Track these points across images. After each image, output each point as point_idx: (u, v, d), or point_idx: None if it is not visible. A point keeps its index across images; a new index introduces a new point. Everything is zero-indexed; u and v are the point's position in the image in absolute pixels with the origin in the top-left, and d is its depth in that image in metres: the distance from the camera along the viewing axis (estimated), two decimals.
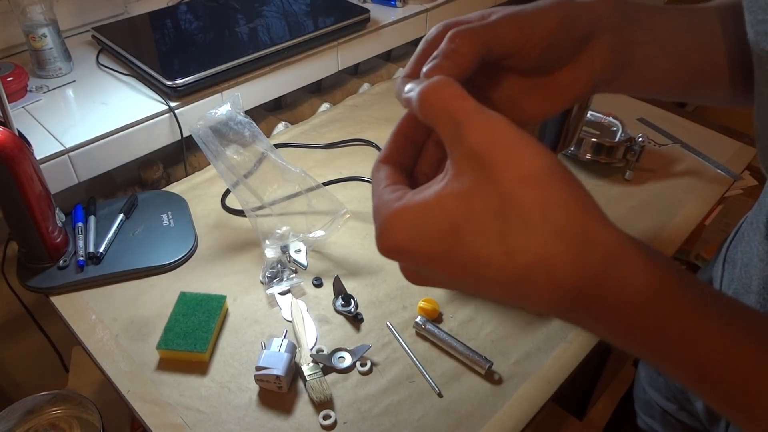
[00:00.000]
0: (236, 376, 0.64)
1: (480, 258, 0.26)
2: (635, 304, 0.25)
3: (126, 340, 0.68)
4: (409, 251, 0.27)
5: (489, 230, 0.25)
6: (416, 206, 0.27)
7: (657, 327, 0.26)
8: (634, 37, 0.37)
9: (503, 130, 0.26)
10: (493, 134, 0.25)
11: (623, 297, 0.25)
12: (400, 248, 0.27)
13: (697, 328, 0.25)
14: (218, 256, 0.78)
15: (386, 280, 0.75)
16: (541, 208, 0.25)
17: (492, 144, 0.25)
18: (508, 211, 0.25)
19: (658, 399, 0.68)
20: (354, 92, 1.18)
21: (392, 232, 0.27)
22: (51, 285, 0.72)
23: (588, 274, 0.25)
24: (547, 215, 0.25)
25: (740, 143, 1.02)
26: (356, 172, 0.93)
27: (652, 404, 0.69)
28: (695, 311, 0.26)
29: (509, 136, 0.25)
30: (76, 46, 1.00)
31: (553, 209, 0.25)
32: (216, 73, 0.90)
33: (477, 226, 0.25)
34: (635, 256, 0.25)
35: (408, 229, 0.27)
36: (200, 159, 0.98)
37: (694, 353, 0.26)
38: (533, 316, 0.71)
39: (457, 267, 0.26)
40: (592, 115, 0.97)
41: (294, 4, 1.12)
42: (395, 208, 0.27)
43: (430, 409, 0.62)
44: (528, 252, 0.25)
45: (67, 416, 0.75)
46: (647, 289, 0.25)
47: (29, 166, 0.66)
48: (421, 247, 0.27)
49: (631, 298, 0.25)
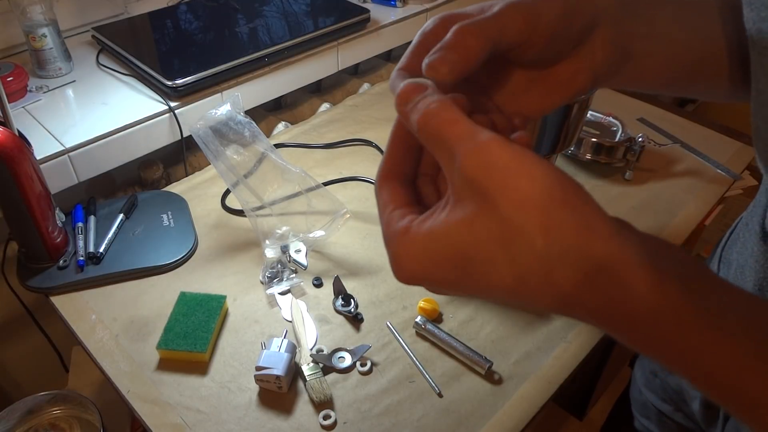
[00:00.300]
0: (236, 376, 0.64)
1: (491, 283, 0.26)
2: (642, 318, 0.25)
3: (126, 340, 0.68)
4: (426, 279, 0.28)
5: (496, 258, 0.25)
6: (424, 237, 0.27)
7: (664, 340, 0.26)
8: (634, 30, 0.36)
9: (497, 153, 0.25)
10: (487, 160, 0.25)
11: (630, 312, 0.25)
12: (417, 276, 0.28)
13: (705, 341, 0.25)
14: (218, 256, 0.78)
15: (386, 280, 0.75)
16: (543, 233, 0.25)
17: (486, 170, 0.25)
18: (512, 238, 0.25)
19: (654, 400, 0.68)
20: (354, 92, 1.18)
21: (406, 263, 0.28)
22: (51, 285, 0.72)
23: (594, 294, 0.25)
24: (549, 240, 0.25)
25: (740, 143, 1.02)
26: (356, 172, 0.93)
27: (648, 405, 0.69)
28: (702, 323, 0.25)
29: (503, 160, 0.25)
30: (76, 46, 1.00)
31: (554, 233, 0.25)
32: (216, 73, 0.90)
33: (484, 254, 0.26)
34: (639, 270, 0.25)
35: (419, 259, 0.27)
36: (200, 159, 0.98)
37: (701, 364, 0.26)
38: (533, 316, 0.71)
39: (473, 289, 0.27)
40: (592, 115, 0.97)
41: (294, 4, 1.12)
42: (404, 240, 0.28)
43: (430, 409, 0.62)
44: (537, 276, 0.25)
45: (67, 416, 0.75)
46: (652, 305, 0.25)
47: (29, 166, 0.66)
48: (436, 275, 0.27)
49: (638, 313, 0.25)
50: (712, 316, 0.26)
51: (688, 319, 0.25)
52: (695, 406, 0.58)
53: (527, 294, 0.26)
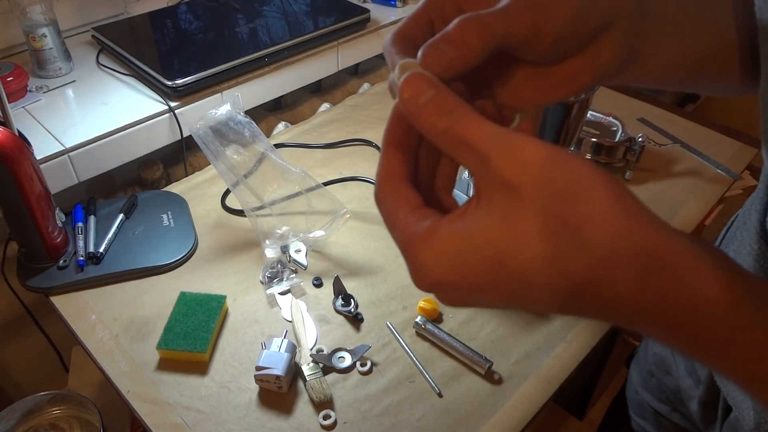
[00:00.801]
0: (236, 376, 0.64)
1: (531, 283, 0.25)
2: (705, 315, 0.24)
3: (126, 340, 0.68)
4: (455, 284, 0.26)
5: (537, 254, 0.24)
6: (456, 237, 0.25)
7: (725, 339, 0.24)
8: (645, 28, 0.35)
9: (533, 152, 0.24)
10: (522, 158, 0.24)
11: (685, 305, 0.24)
12: (445, 282, 0.26)
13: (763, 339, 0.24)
14: (218, 256, 0.78)
15: (386, 280, 0.75)
16: (589, 223, 0.23)
17: (523, 168, 0.24)
18: (554, 230, 0.24)
19: (650, 400, 0.68)
20: (354, 92, 1.18)
21: (434, 267, 0.26)
22: (51, 285, 0.72)
23: (645, 285, 0.24)
24: (597, 229, 0.23)
25: (740, 143, 1.02)
26: (356, 172, 0.93)
27: (644, 405, 0.69)
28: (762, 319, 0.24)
29: (540, 156, 0.24)
30: (76, 46, 1.00)
31: (601, 222, 0.23)
32: (216, 73, 0.90)
33: (523, 251, 0.24)
34: (699, 263, 0.24)
35: (451, 262, 0.25)
36: (200, 159, 0.98)
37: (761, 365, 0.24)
38: (533, 316, 0.71)
39: (507, 292, 0.25)
40: (592, 115, 0.97)
41: (294, 4, 1.12)
42: (432, 242, 0.26)
43: (430, 409, 0.62)
44: (583, 270, 0.24)
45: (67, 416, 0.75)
46: (716, 299, 0.23)
47: (29, 166, 0.66)
48: (468, 279, 0.25)
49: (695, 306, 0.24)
50: None
51: (748, 314, 0.24)
52: (693, 406, 0.58)
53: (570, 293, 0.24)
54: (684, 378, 0.60)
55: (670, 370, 0.63)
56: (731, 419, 0.51)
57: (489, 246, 0.25)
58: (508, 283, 0.25)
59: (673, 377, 0.62)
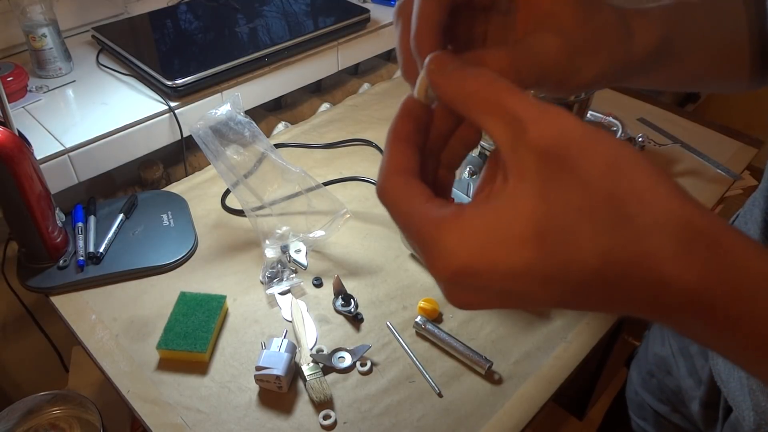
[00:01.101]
0: (236, 376, 0.64)
1: (570, 263, 0.22)
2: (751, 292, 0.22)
3: (126, 340, 0.68)
4: (482, 271, 0.23)
5: (577, 230, 0.22)
6: (485, 216, 0.23)
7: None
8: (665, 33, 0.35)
9: (574, 123, 0.23)
10: (564, 127, 0.23)
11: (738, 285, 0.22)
12: (471, 268, 0.23)
13: None
14: (218, 256, 0.78)
15: (386, 280, 0.75)
16: (636, 198, 0.22)
17: (564, 137, 0.22)
18: (597, 205, 0.22)
19: (650, 401, 0.67)
20: (354, 92, 1.18)
21: (461, 250, 0.23)
22: (51, 285, 0.72)
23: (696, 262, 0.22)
24: (644, 205, 0.22)
25: (740, 143, 1.02)
26: (356, 172, 0.93)
27: (644, 406, 0.69)
28: None
29: (583, 129, 0.23)
30: (76, 46, 1.00)
31: (648, 198, 0.22)
32: (216, 73, 0.90)
33: (563, 227, 0.22)
34: (743, 239, 0.22)
35: (480, 244, 0.23)
36: (200, 159, 0.98)
37: None
38: (533, 315, 0.71)
39: (539, 279, 0.23)
40: (592, 115, 0.97)
41: (294, 4, 1.12)
42: (458, 224, 0.23)
43: (430, 409, 0.62)
44: (627, 249, 0.22)
45: (67, 416, 0.75)
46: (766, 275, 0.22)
47: (29, 166, 0.66)
48: (498, 262, 0.23)
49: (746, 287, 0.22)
50: None
51: None
52: (694, 407, 0.58)
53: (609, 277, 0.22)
54: (685, 378, 0.59)
55: (671, 370, 0.63)
56: (732, 420, 0.51)
57: (523, 222, 0.22)
58: (543, 264, 0.23)
59: (673, 378, 0.62)
